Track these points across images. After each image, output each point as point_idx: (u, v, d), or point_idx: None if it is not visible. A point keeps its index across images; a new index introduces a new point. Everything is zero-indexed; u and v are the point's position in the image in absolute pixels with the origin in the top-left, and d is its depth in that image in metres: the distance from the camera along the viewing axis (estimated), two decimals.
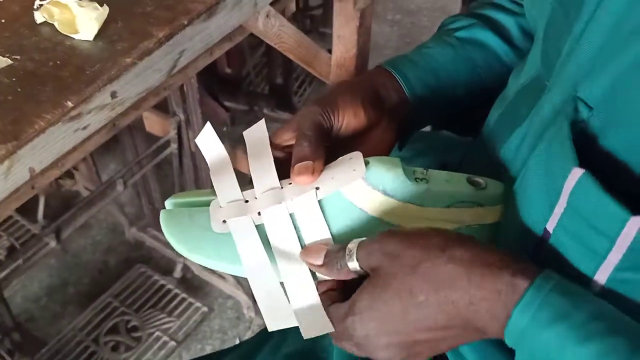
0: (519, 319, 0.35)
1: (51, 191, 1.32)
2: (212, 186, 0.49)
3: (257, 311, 1.26)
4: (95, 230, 1.39)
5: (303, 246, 0.45)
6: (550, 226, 0.38)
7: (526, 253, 0.41)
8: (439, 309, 0.38)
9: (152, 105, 0.74)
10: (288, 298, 0.45)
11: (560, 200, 0.37)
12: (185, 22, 0.61)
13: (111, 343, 1.18)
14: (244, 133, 0.50)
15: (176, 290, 1.27)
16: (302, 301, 0.44)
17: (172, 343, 1.19)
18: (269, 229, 0.45)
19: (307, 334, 0.44)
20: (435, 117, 0.60)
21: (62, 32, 0.57)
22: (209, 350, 1.22)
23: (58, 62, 0.54)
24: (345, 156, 0.46)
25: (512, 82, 0.52)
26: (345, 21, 1.03)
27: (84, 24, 0.57)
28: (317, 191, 0.45)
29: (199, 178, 1.09)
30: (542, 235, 0.39)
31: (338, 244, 0.44)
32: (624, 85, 0.34)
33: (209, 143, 0.50)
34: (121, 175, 0.96)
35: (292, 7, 1.31)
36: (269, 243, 0.45)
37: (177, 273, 1.29)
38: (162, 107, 1.13)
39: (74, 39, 0.57)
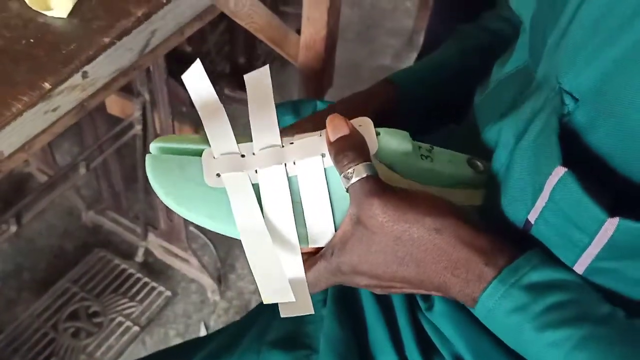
0: (484, 304, 0.39)
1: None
2: (200, 133, 0.46)
3: (222, 295, 1.25)
4: (50, 214, 1.33)
5: (297, 212, 0.43)
6: (532, 217, 0.40)
7: (508, 238, 0.42)
8: (417, 276, 0.41)
9: (121, 86, 0.71)
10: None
11: (542, 194, 0.38)
12: (164, 0, 0.59)
13: (71, 329, 1.15)
14: (245, 77, 0.45)
15: (138, 275, 1.24)
16: (287, 276, 0.43)
17: (135, 328, 1.17)
18: (264, 191, 0.43)
19: (285, 313, 0.44)
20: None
21: (33, 8, 0.54)
22: (172, 335, 1.20)
23: (31, 40, 0.51)
24: (355, 121, 0.43)
25: (496, 71, 0.53)
26: (315, 3, 1.02)
27: (57, 0, 0.54)
28: (323, 158, 0.42)
29: None
30: (524, 225, 0.41)
31: (357, 141, 0.42)
32: (613, 76, 0.35)
33: (196, 82, 0.44)
34: (84, 157, 0.93)
35: None
36: (261, 205, 0.43)
37: (139, 257, 1.26)
38: (124, 87, 1.09)
39: (46, 15, 0.54)
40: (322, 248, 0.44)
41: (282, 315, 0.44)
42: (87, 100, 0.63)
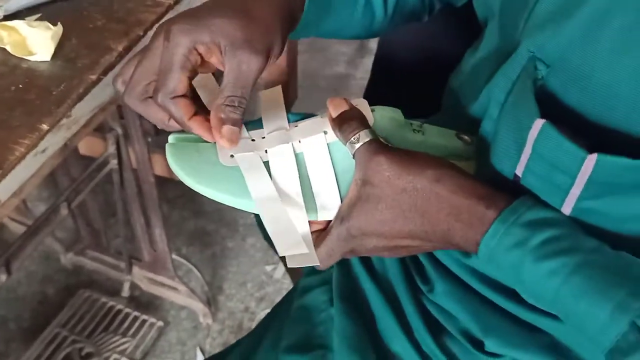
0: (487, 244, 0.42)
1: None
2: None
3: (214, 317, 1.26)
4: (27, 261, 1.31)
5: (305, 186, 0.47)
6: (519, 171, 0.44)
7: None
8: (422, 227, 0.44)
9: (100, 121, 0.73)
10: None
11: (525, 148, 0.42)
12: (141, 33, 0.61)
13: None
14: (260, 93, 0.52)
15: (127, 310, 1.23)
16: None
17: None
18: (273, 167, 0.47)
19: (292, 263, 0.48)
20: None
21: (16, 55, 0.55)
22: None
23: (20, 86, 0.53)
24: (352, 101, 0.48)
25: (468, 57, 0.57)
26: None
27: (39, 44, 0.55)
28: (326, 135, 0.47)
29: (142, 192, 1.07)
30: (513, 179, 0.45)
31: (358, 114, 0.46)
32: (577, 44, 0.39)
33: (204, 82, 0.49)
34: (65, 198, 0.93)
35: None
36: (272, 178, 0.47)
37: (125, 292, 1.25)
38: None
39: (30, 60, 0.55)
40: (331, 222, 0.47)
41: (289, 266, 0.48)
42: (71, 139, 0.64)
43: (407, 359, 0.56)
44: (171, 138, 0.49)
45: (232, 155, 0.47)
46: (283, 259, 0.49)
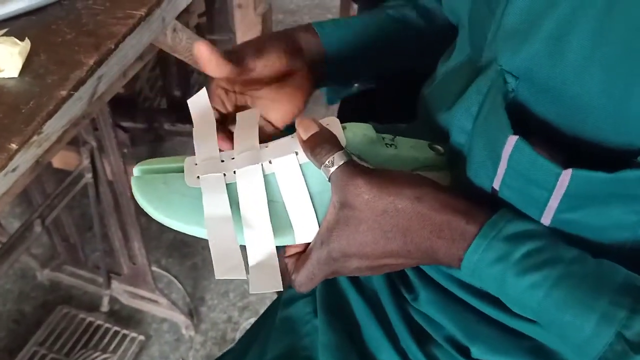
0: (469, 260, 0.42)
1: None
2: (176, 159, 0.49)
3: (196, 329, 1.24)
4: (2, 279, 1.28)
5: (280, 209, 0.46)
6: (496, 184, 0.44)
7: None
8: (404, 246, 0.44)
9: (73, 136, 0.71)
10: (247, 255, 0.46)
11: (501, 163, 0.42)
12: (113, 46, 0.59)
13: None
14: (237, 114, 0.52)
15: (107, 325, 1.21)
16: (259, 259, 0.46)
17: None
18: (241, 187, 0.46)
19: (254, 289, 0.46)
20: (349, 76, 0.64)
21: None
22: None
23: None
24: (322, 121, 0.47)
25: (441, 66, 0.57)
26: (247, 27, 1.05)
27: (6, 60, 0.54)
28: (297, 156, 0.46)
29: (119, 205, 1.05)
30: (491, 192, 0.45)
31: (329, 135, 0.45)
32: (543, 56, 0.40)
33: (198, 105, 0.50)
34: (38, 215, 0.90)
35: (195, 19, 1.29)
36: (239, 200, 0.46)
37: (105, 307, 1.23)
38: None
39: None
40: (309, 244, 0.46)
41: (251, 291, 0.46)
42: (43, 156, 0.62)
43: None
44: (136, 170, 0.47)
45: (198, 177, 0.46)
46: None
